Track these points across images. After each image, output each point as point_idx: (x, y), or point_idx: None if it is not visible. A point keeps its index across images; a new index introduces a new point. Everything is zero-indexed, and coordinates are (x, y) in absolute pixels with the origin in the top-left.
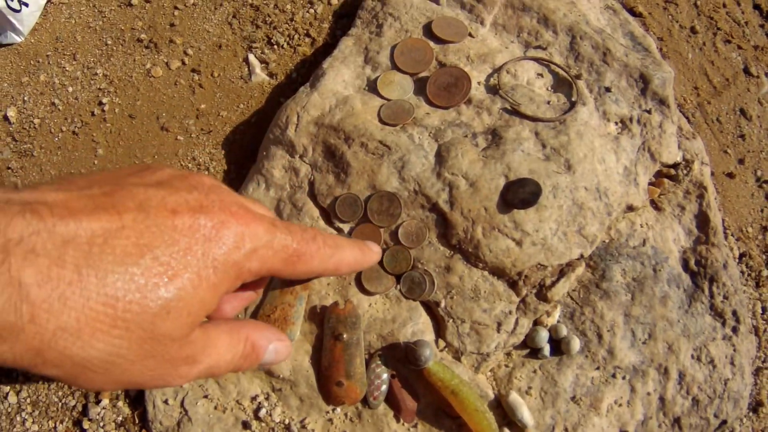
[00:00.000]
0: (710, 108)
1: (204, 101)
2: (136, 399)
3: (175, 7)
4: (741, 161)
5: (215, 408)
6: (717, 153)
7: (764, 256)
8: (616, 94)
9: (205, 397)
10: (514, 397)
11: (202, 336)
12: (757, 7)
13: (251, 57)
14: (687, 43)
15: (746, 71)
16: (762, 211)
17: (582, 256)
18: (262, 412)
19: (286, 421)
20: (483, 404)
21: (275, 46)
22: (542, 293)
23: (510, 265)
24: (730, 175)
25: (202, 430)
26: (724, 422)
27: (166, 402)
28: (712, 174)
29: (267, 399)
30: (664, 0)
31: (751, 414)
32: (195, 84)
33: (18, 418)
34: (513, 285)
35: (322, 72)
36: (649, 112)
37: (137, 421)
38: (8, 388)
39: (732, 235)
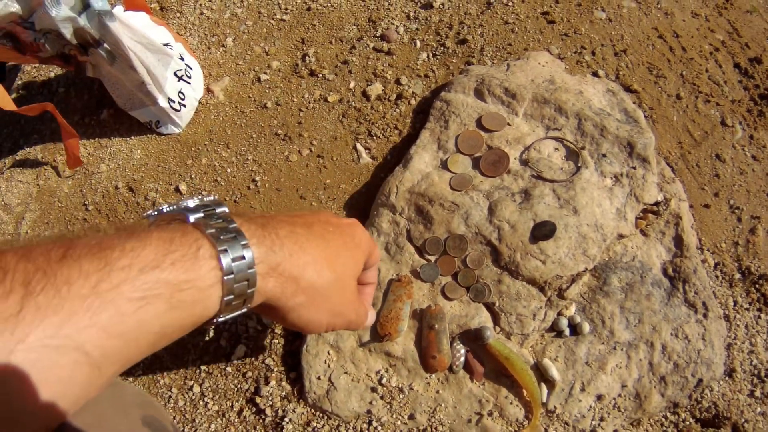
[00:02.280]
0: (691, 157)
1: (329, 178)
2: (296, 379)
3: (300, 110)
4: (716, 194)
5: (352, 380)
6: (696, 190)
7: (736, 264)
8: (610, 158)
9: (345, 373)
10: (547, 361)
11: (359, 291)
12: (737, 65)
13: (358, 145)
14: (673, 108)
15: (723, 123)
16: (734, 230)
17: (586, 269)
18: (384, 380)
19: (400, 385)
20: (527, 366)
21: (374, 137)
22: (561, 294)
23: (539, 277)
24: (707, 206)
25: (344, 395)
26: (701, 380)
27: (318, 378)
28: (691, 206)
29: (386, 371)
30: (655, 75)
31: (727, 378)
32: (321, 166)
33: (201, 403)
34: (542, 290)
35: (410, 156)
36: (634, 168)
37: (296, 395)
38: (192, 381)
39: (708, 250)
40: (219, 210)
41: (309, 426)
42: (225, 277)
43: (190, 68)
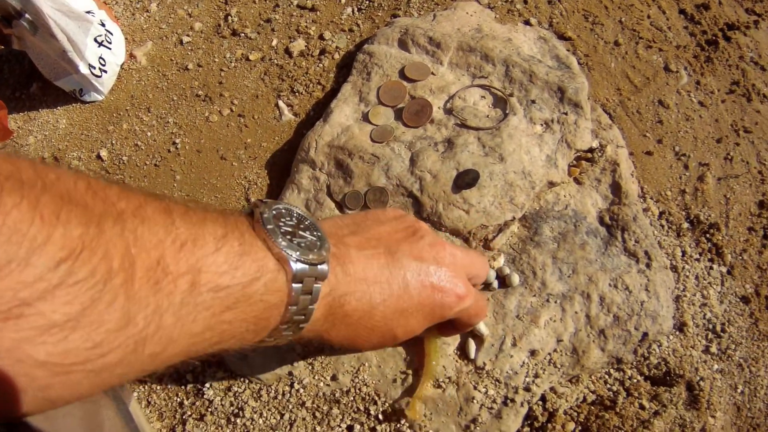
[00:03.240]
0: (630, 103)
1: (249, 137)
2: None
3: (221, 70)
4: (659, 141)
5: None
6: (637, 138)
7: (683, 213)
8: (540, 103)
9: None
10: None
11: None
12: (682, 11)
13: (280, 102)
14: (610, 55)
15: (666, 68)
16: (680, 177)
17: (514, 218)
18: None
19: (322, 346)
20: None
21: (296, 93)
22: (487, 244)
23: (462, 227)
24: (649, 153)
25: (263, 357)
26: (646, 334)
27: None
28: (632, 154)
29: None
30: (592, 22)
31: (677, 332)
32: (242, 125)
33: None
34: (466, 240)
35: (331, 110)
36: (566, 113)
37: (216, 360)
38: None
39: (651, 198)
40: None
41: (230, 391)
42: (293, 285)
43: (111, 34)
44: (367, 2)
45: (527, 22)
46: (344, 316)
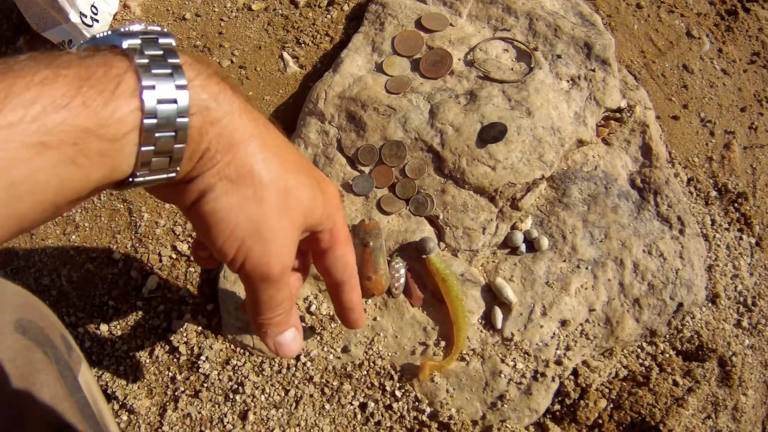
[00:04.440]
0: (655, 66)
1: (251, 89)
2: (213, 311)
3: (221, 20)
4: (685, 106)
5: None
6: (662, 101)
7: (711, 181)
8: (566, 59)
9: None
10: (500, 281)
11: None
12: None
13: (285, 54)
14: (633, 17)
15: (689, 34)
16: (707, 144)
17: (543, 176)
18: (313, 308)
19: (331, 313)
20: (463, 295)
21: (302, 45)
22: (515, 204)
23: (488, 185)
24: (675, 118)
25: None
26: (681, 305)
27: (237, 309)
28: (658, 117)
29: (315, 298)
30: None
31: (710, 304)
32: (243, 77)
33: (108, 344)
34: (492, 199)
35: (341, 60)
36: (593, 70)
37: (213, 329)
38: (99, 319)
39: (679, 164)
40: (163, 40)
41: (228, 364)
42: (145, 120)
43: None
44: None
45: None
46: (230, 145)
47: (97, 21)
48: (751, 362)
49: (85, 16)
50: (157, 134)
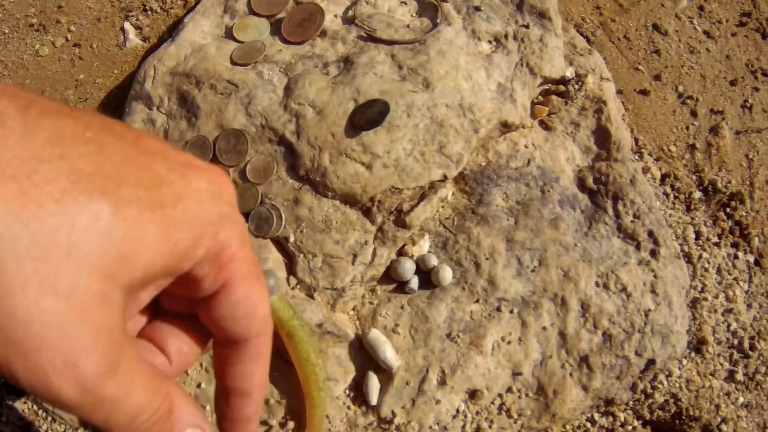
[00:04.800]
0: (615, 26)
1: (83, 72)
2: None
3: None
4: (657, 77)
5: None
6: (626, 71)
7: (694, 177)
8: (487, 11)
9: None
10: (375, 335)
11: (124, 341)
12: None
13: (126, 25)
14: None
15: None
16: (688, 128)
17: (445, 177)
18: None
19: None
20: (318, 357)
21: (149, 12)
22: (401, 219)
23: (360, 191)
24: (644, 92)
25: None
26: (652, 361)
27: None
28: (620, 92)
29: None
30: None
31: (693, 354)
32: (76, 57)
33: None
34: (367, 212)
35: (183, 26)
36: (527, 26)
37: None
38: None
39: (650, 155)
40: None
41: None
42: None
43: None
44: None
45: None
46: None
47: None
48: (746, 426)
49: None
50: None
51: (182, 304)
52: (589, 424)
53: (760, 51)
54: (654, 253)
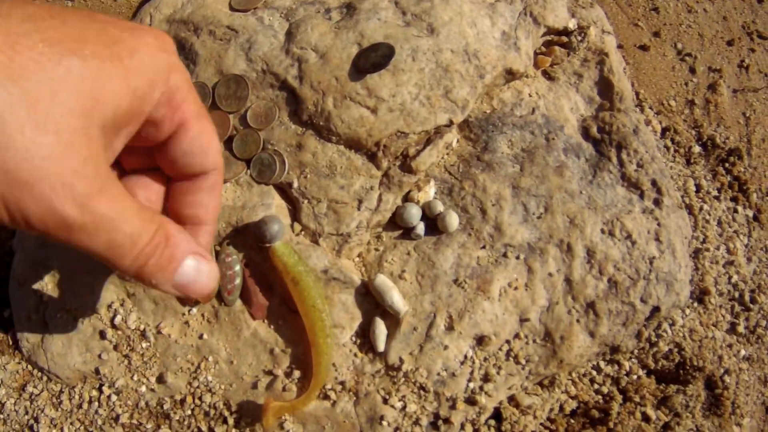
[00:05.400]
0: None
1: None
2: (10, 319)
3: None
4: (656, 34)
5: (73, 318)
6: (626, 26)
7: (693, 132)
8: None
9: (64, 308)
10: (382, 280)
11: (109, 171)
12: None
13: None
14: None
15: None
16: (686, 84)
17: (451, 122)
18: (118, 320)
19: (142, 327)
20: (324, 304)
21: None
22: (406, 164)
23: (365, 135)
24: (644, 48)
25: (62, 343)
26: (657, 309)
27: (29, 318)
28: (621, 46)
29: (122, 305)
30: None
31: (695, 304)
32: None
33: None
34: (372, 157)
35: None
36: None
37: (11, 343)
38: None
39: (651, 108)
40: None
41: (25, 391)
42: None
43: None
44: None
45: None
46: None
47: None
48: (747, 380)
49: None
50: None
51: (142, 159)
52: (594, 372)
53: (755, 14)
54: (657, 202)
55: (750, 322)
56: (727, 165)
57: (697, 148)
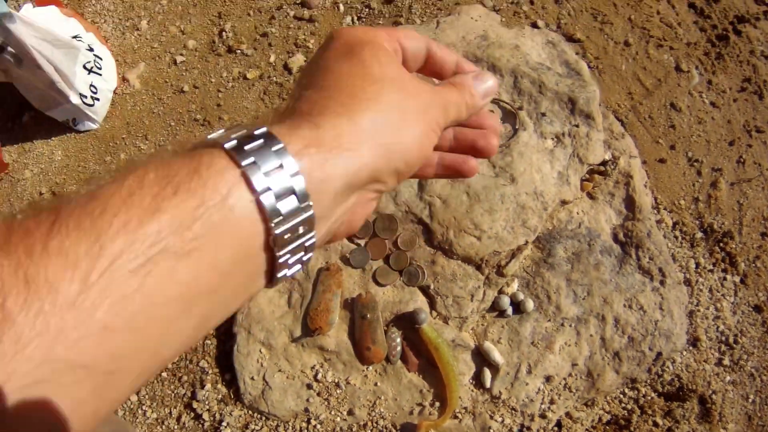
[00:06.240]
0: (642, 108)
1: None
2: (231, 381)
3: (218, 91)
4: (672, 147)
5: (287, 378)
6: (650, 144)
7: (697, 222)
8: (550, 116)
9: (279, 371)
10: (488, 345)
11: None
12: (692, 5)
13: None
14: (621, 56)
15: (677, 68)
16: (693, 185)
17: (527, 242)
18: (319, 376)
19: (336, 380)
20: (454, 360)
21: None
22: (500, 271)
23: (474, 254)
24: (662, 161)
25: (279, 393)
26: (660, 354)
27: (252, 378)
28: (645, 162)
29: (321, 367)
30: (600, 22)
31: (690, 348)
32: None
33: (139, 412)
34: (479, 268)
35: None
36: (577, 126)
37: (232, 397)
38: None
39: (665, 209)
40: (258, 132)
41: (247, 428)
42: (260, 196)
43: (100, 59)
44: (367, 10)
45: (534, 25)
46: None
47: (97, 99)
48: (732, 397)
49: (85, 97)
50: (284, 227)
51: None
52: (621, 395)
53: (756, 110)
54: (662, 282)
55: (734, 356)
56: (721, 245)
57: (699, 234)
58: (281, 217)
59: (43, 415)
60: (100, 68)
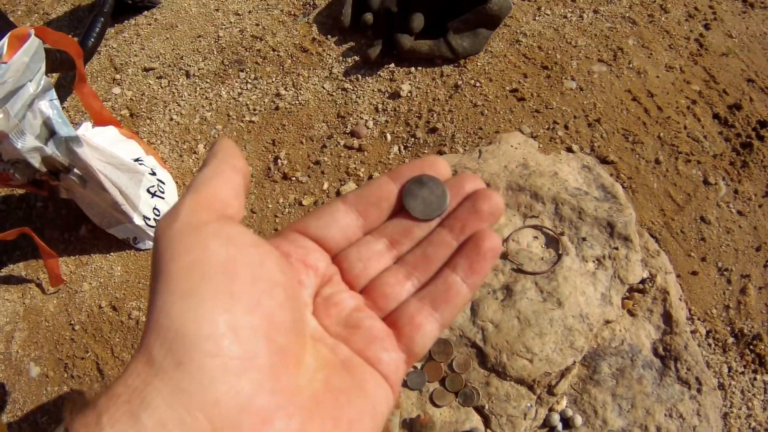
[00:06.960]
0: (674, 223)
1: None
2: None
3: (275, 216)
4: (703, 259)
5: None
6: (682, 258)
7: (728, 328)
8: (590, 240)
9: None
10: None
11: None
12: (716, 116)
13: None
14: (652, 174)
15: (705, 182)
16: (724, 293)
17: (575, 362)
18: None
19: None
20: None
21: None
22: (551, 390)
23: (527, 376)
24: (694, 273)
25: None
26: None
27: None
28: (678, 276)
29: None
30: (632, 142)
31: None
32: None
33: None
34: (530, 388)
35: None
36: (616, 249)
37: None
38: None
39: (698, 319)
40: None
41: None
42: None
43: (163, 183)
44: (413, 140)
45: (569, 149)
46: None
47: None
48: None
49: (148, 219)
50: None
51: None
52: None
53: None
54: (699, 390)
55: None
56: (751, 347)
57: (730, 340)
58: None
59: None
60: (162, 192)
